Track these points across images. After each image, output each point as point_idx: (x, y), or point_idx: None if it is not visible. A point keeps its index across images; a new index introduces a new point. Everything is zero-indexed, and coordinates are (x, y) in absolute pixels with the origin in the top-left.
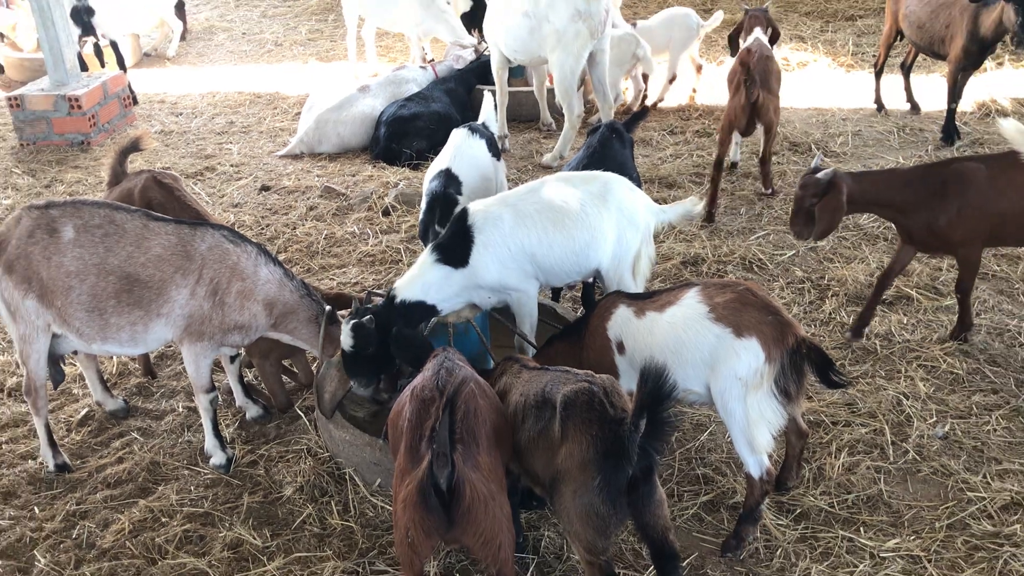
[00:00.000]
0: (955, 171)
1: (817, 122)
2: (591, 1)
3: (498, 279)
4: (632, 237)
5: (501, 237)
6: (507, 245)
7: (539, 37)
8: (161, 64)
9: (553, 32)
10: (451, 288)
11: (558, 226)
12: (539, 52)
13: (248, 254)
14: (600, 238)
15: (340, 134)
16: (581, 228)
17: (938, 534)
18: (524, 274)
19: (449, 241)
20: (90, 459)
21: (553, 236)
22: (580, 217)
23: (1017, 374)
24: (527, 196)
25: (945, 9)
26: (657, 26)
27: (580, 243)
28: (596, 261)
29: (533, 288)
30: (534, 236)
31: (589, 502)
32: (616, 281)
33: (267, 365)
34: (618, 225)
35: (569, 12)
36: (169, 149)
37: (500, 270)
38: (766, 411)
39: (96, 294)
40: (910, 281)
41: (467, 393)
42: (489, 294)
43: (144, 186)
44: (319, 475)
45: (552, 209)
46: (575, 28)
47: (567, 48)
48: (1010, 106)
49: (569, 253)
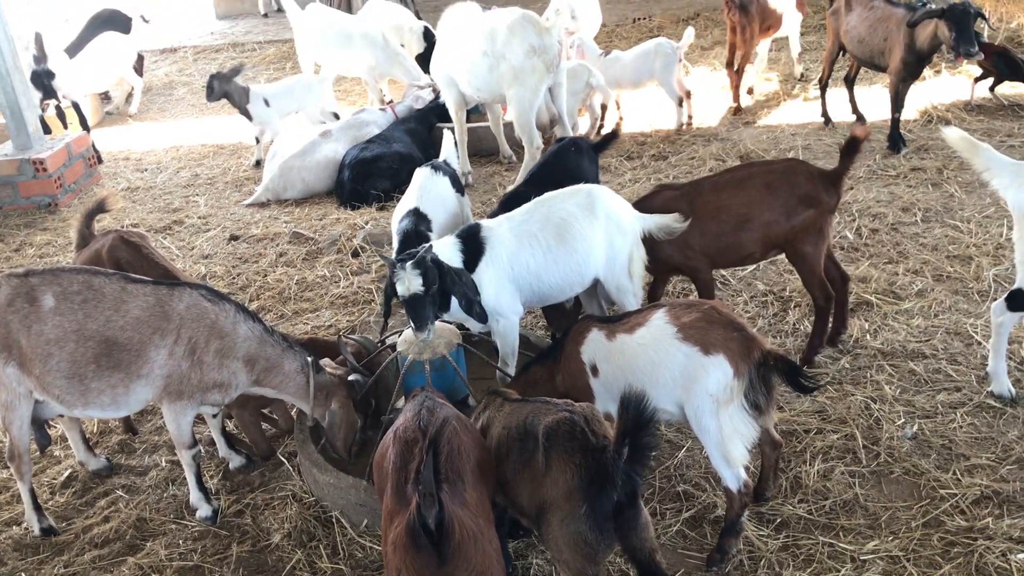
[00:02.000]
0: (661, 199)
1: (767, 139)
2: (544, 36)
3: (494, 298)
4: (622, 242)
5: (507, 255)
6: (511, 265)
7: (498, 74)
8: (123, 122)
9: (510, 69)
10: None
11: (560, 242)
12: (499, 89)
13: (227, 312)
14: (595, 248)
15: (305, 180)
16: (579, 240)
17: (915, 533)
18: (514, 299)
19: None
20: (76, 520)
21: (557, 252)
22: (577, 230)
23: (977, 371)
24: (527, 217)
25: (883, 24)
26: (633, 60)
27: (581, 255)
28: (594, 271)
29: (517, 318)
30: (539, 254)
31: (577, 530)
32: (615, 286)
33: (246, 415)
34: (607, 232)
35: (524, 48)
36: (136, 205)
37: (497, 289)
38: (739, 425)
39: (75, 360)
40: (868, 287)
41: (449, 431)
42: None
43: (111, 246)
44: (306, 520)
45: (553, 226)
46: (531, 63)
47: (524, 83)
48: (949, 113)
49: (573, 265)
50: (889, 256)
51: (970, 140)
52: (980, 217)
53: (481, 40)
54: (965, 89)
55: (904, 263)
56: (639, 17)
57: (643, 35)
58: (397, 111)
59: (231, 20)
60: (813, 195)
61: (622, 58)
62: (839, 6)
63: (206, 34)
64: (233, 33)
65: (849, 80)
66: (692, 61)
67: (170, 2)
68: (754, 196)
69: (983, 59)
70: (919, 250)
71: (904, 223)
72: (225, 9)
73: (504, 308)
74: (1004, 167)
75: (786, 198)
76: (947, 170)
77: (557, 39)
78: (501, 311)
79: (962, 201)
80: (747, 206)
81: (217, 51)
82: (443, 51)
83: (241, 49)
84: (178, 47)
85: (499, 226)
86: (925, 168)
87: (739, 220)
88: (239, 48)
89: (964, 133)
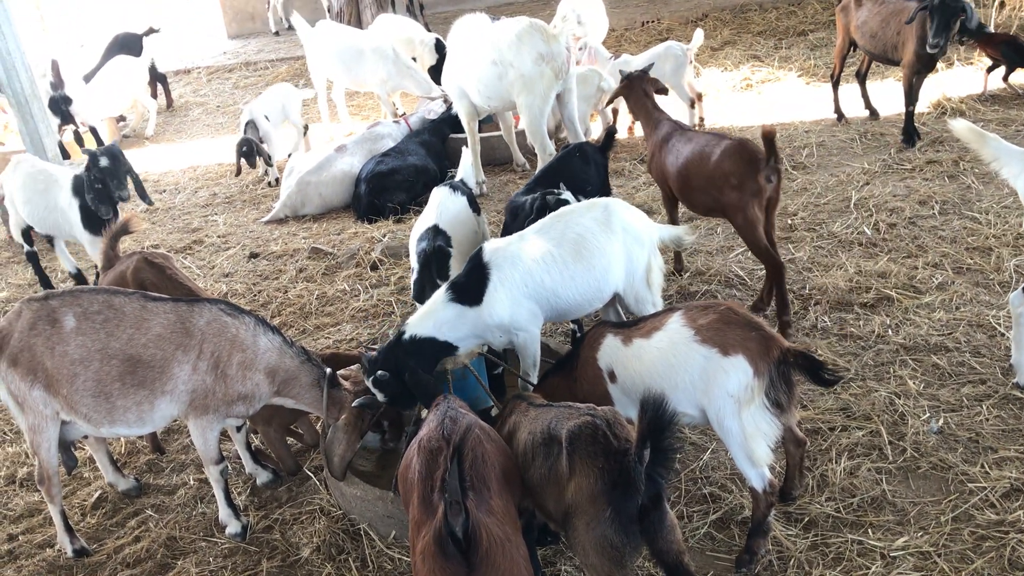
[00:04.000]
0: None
1: (781, 136)
2: (552, 42)
3: (510, 317)
4: (639, 253)
5: (519, 274)
6: (523, 282)
7: (507, 83)
8: (140, 144)
9: (519, 77)
10: (464, 328)
11: (577, 258)
12: (509, 97)
13: (247, 325)
14: (614, 262)
15: (322, 195)
16: (598, 256)
17: (944, 528)
18: (532, 314)
19: (465, 279)
20: (107, 541)
21: (574, 269)
22: (595, 245)
23: (1001, 363)
24: (542, 234)
25: (895, 17)
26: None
27: (599, 271)
28: (614, 285)
29: (538, 329)
30: (555, 272)
31: (603, 534)
32: (634, 297)
33: (271, 431)
34: (625, 245)
35: (532, 56)
36: (156, 226)
37: (513, 308)
38: (761, 424)
39: (101, 379)
40: (888, 282)
41: (473, 439)
42: (500, 333)
43: (136, 267)
44: (334, 533)
45: (569, 242)
46: (539, 70)
47: (533, 90)
48: (963, 104)
49: (592, 281)
50: (908, 250)
51: (977, 131)
52: (999, 208)
53: (490, 50)
54: (979, 80)
55: (923, 256)
56: (647, 20)
57: (652, 38)
58: (411, 123)
59: (243, 39)
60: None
61: (632, 62)
62: (848, 2)
63: (218, 54)
64: (245, 52)
65: (861, 75)
66: (703, 62)
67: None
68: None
69: (990, 49)
70: (938, 243)
71: (922, 216)
72: (236, 29)
73: (522, 322)
74: (1013, 156)
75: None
76: (963, 162)
77: (565, 45)
78: (519, 325)
79: (980, 192)
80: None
81: (230, 70)
82: (453, 63)
83: (254, 68)
84: (191, 68)
85: (509, 245)
86: (941, 161)
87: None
88: (251, 67)
89: (970, 124)
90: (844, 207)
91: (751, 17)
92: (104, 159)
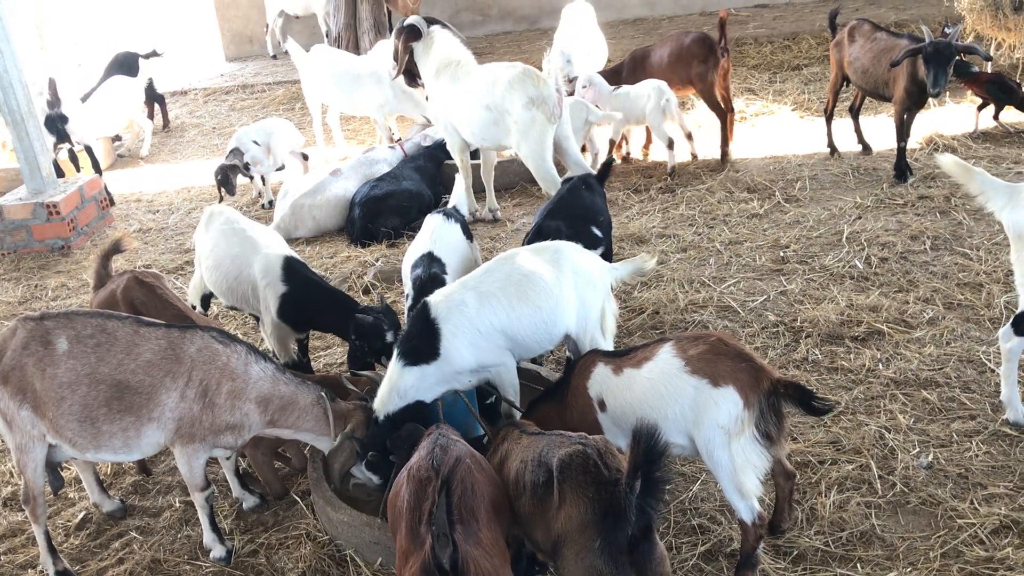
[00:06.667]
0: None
1: (774, 169)
2: (540, 86)
3: (475, 361)
4: (592, 297)
5: (468, 320)
6: (476, 327)
7: (504, 127)
8: (135, 164)
9: (513, 123)
10: (428, 382)
11: (523, 299)
12: (503, 140)
13: (238, 354)
14: (564, 303)
15: (316, 218)
16: (545, 297)
17: (933, 564)
18: (499, 349)
19: (416, 339)
20: (90, 563)
21: (521, 310)
22: (542, 286)
23: (991, 399)
24: (486, 276)
25: (886, 54)
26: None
27: (547, 311)
28: (564, 327)
29: (511, 359)
30: (502, 313)
31: (591, 564)
32: (588, 341)
33: (259, 454)
34: (576, 287)
35: (523, 101)
36: (148, 246)
37: (475, 352)
38: (751, 456)
39: (87, 404)
40: (880, 316)
41: (463, 470)
42: (469, 376)
43: (126, 287)
44: (320, 559)
45: (513, 284)
46: (530, 115)
47: (528, 137)
48: (955, 141)
49: (539, 323)
50: (899, 285)
51: (963, 165)
52: (989, 244)
53: (484, 94)
54: (970, 118)
55: (914, 291)
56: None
57: None
58: (406, 148)
59: (240, 62)
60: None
61: (630, 92)
62: (842, 38)
63: (215, 76)
64: (242, 75)
65: (854, 110)
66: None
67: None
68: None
69: (976, 88)
70: (929, 278)
71: (913, 251)
72: (234, 52)
73: (490, 359)
74: (998, 190)
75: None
76: (955, 198)
77: (555, 88)
78: (488, 363)
79: (971, 228)
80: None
81: (227, 92)
82: (442, 98)
83: (251, 91)
84: (188, 89)
85: (452, 294)
86: (932, 196)
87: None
88: (248, 89)
89: (957, 158)
90: (836, 240)
91: (746, 51)
92: None
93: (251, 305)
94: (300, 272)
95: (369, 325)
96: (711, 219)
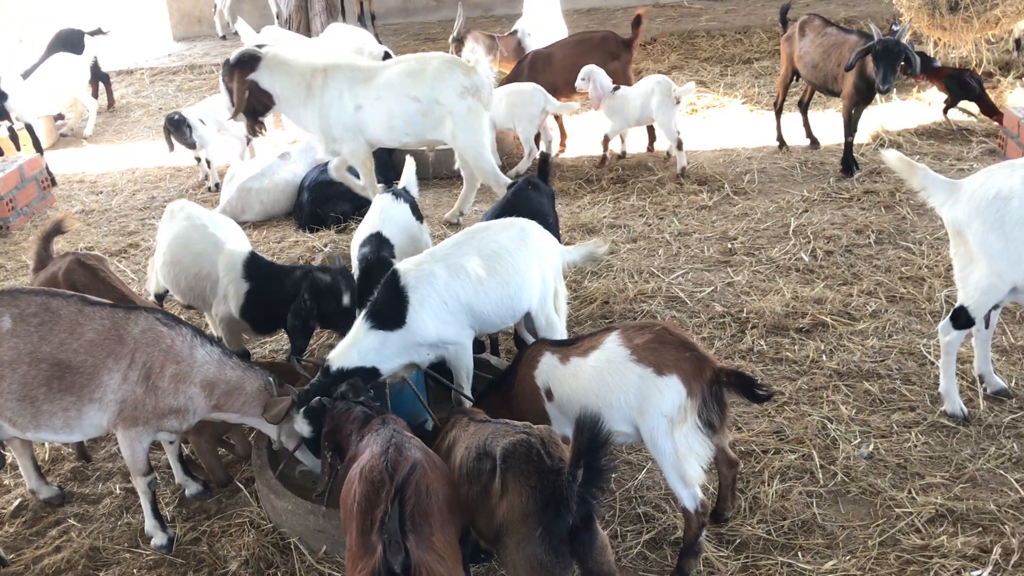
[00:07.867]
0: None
1: (724, 161)
2: (472, 74)
3: (436, 334)
4: (551, 277)
5: (436, 292)
6: (443, 300)
7: (433, 119)
8: (78, 144)
9: (447, 114)
10: (389, 350)
11: (491, 274)
12: (433, 135)
13: (183, 336)
14: (529, 280)
15: (263, 202)
16: (512, 273)
17: (871, 552)
18: (460, 326)
19: (383, 305)
20: (26, 551)
21: (488, 284)
22: (509, 262)
23: (931, 391)
24: (456, 249)
25: (836, 49)
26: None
27: (513, 287)
28: (527, 303)
29: (469, 340)
30: (469, 287)
31: (532, 552)
32: (545, 320)
33: (202, 441)
34: (539, 266)
35: (456, 90)
36: (91, 228)
37: (438, 325)
38: (694, 444)
39: (27, 382)
40: (824, 308)
41: (419, 475)
42: (428, 351)
43: (68, 269)
44: (264, 547)
45: (483, 258)
46: (466, 104)
47: (466, 126)
48: (901, 137)
49: (504, 298)
50: (844, 278)
51: (907, 161)
52: (932, 239)
53: (407, 86)
54: (917, 114)
55: (858, 284)
56: None
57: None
58: None
59: (188, 42)
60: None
61: (628, 94)
62: (792, 32)
63: (163, 56)
64: (191, 55)
65: (803, 105)
66: None
67: (127, 24)
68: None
69: (937, 82)
70: (873, 271)
71: (858, 245)
72: (183, 31)
73: (450, 336)
74: (939, 186)
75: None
76: (899, 193)
77: (488, 73)
78: (448, 339)
79: (914, 223)
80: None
81: (174, 73)
82: (337, 105)
83: (199, 71)
84: (135, 69)
85: (422, 264)
86: (878, 191)
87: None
88: (196, 70)
89: (901, 154)
90: (783, 233)
91: (699, 43)
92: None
93: (208, 304)
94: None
95: (326, 285)
96: (661, 210)
